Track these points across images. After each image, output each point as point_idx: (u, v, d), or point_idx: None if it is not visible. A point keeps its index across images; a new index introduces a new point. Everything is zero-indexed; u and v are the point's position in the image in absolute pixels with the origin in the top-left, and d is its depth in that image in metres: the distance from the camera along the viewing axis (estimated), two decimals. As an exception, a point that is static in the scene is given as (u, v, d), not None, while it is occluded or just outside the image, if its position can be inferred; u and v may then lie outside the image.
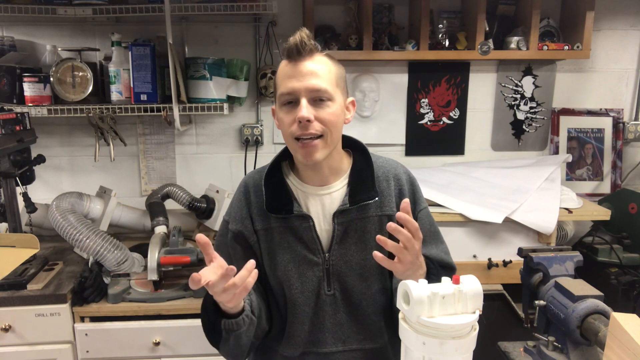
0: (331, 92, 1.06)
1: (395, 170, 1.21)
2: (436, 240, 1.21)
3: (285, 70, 1.07)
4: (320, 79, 1.05)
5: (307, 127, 1.04)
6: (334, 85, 1.08)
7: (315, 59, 1.07)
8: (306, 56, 1.06)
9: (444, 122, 2.34)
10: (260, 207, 1.16)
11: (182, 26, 2.15)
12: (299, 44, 1.04)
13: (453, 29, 2.23)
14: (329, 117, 1.06)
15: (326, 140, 1.07)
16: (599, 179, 2.38)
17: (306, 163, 1.09)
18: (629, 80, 2.36)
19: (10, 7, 1.87)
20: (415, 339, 0.78)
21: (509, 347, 1.27)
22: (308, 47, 1.05)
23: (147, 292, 1.73)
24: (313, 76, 1.04)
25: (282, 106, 1.08)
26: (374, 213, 1.16)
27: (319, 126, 1.05)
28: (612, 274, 1.96)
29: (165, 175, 2.31)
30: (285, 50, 1.06)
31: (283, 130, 1.09)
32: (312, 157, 1.07)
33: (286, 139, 1.10)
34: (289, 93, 1.05)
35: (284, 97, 1.06)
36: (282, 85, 1.07)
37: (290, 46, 1.05)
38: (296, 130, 1.05)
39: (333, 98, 1.07)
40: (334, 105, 1.07)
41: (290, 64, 1.07)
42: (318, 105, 1.06)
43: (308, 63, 1.05)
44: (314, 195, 1.16)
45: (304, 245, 1.14)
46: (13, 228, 1.77)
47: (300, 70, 1.05)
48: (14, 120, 1.72)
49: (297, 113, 1.04)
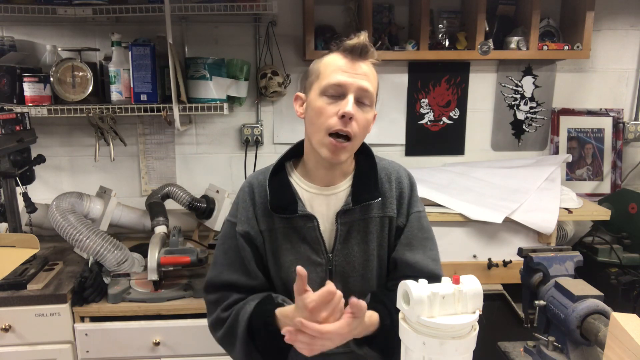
0: (374, 98, 1.10)
1: (397, 173, 1.22)
2: (424, 246, 1.19)
3: (338, 63, 1.08)
4: (370, 83, 1.08)
5: (347, 124, 1.05)
6: (376, 94, 1.12)
7: (368, 63, 1.10)
8: (364, 58, 1.09)
9: (444, 122, 2.34)
10: (264, 207, 1.16)
11: (182, 26, 2.15)
12: (364, 45, 1.07)
13: (453, 29, 2.23)
14: (364, 122, 1.08)
15: (353, 144, 1.09)
16: (599, 179, 2.38)
17: (331, 160, 1.09)
18: (629, 80, 2.36)
19: (10, 7, 1.87)
20: (415, 339, 0.78)
21: (509, 347, 1.27)
22: (370, 51, 1.08)
23: (147, 292, 1.73)
24: (365, 78, 1.07)
25: (323, 96, 1.08)
26: (376, 214, 1.16)
27: (355, 127, 1.06)
28: (612, 274, 1.96)
29: (165, 175, 2.31)
30: (349, 46, 1.07)
31: (317, 121, 1.08)
32: (339, 157, 1.08)
33: (316, 130, 1.08)
34: (338, 85, 1.06)
35: (332, 88, 1.06)
36: (332, 77, 1.07)
37: (355, 44, 1.06)
38: (336, 124, 1.05)
39: (373, 104, 1.11)
40: (371, 111, 1.11)
41: (346, 59, 1.08)
42: (360, 107, 1.08)
43: (364, 65, 1.08)
44: (320, 195, 1.17)
45: (308, 246, 1.15)
46: (13, 228, 1.77)
47: (355, 68, 1.07)
48: (14, 120, 1.72)
49: (341, 107, 1.05)
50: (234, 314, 1.11)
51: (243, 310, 1.09)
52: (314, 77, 1.11)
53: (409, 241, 1.17)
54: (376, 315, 1.05)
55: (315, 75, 1.11)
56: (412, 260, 1.15)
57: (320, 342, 0.94)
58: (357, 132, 1.07)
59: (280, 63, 2.20)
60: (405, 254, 1.16)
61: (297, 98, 1.17)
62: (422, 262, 1.17)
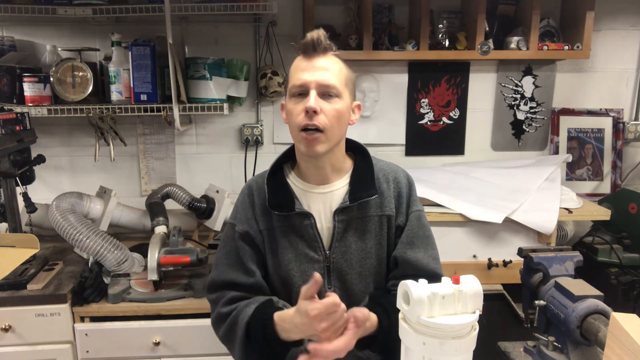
0: (339, 89, 1.11)
1: (395, 174, 1.24)
2: (425, 244, 1.21)
3: (299, 64, 1.12)
4: (331, 75, 1.10)
5: (313, 118, 1.08)
6: (343, 84, 1.12)
7: (328, 57, 1.12)
8: (320, 53, 1.11)
9: (444, 122, 2.34)
10: (263, 207, 1.19)
11: (182, 26, 2.15)
12: (316, 40, 1.09)
13: (453, 29, 2.23)
14: (333, 112, 1.10)
15: (327, 135, 1.10)
16: (599, 179, 2.38)
17: (307, 154, 1.12)
18: (629, 80, 2.36)
19: (10, 7, 1.87)
20: (415, 339, 0.78)
21: (509, 347, 1.27)
22: (323, 45, 1.10)
23: (147, 292, 1.73)
24: (324, 71, 1.10)
25: (291, 97, 1.13)
26: (374, 212, 1.18)
27: (323, 119, 1.09)
28: (612, 274, 1.95)
29: (165, 175, 2.31)
30: (302, 45, 1.11)
31: (290, 121, 1.13)
32: (314, 148, 1.10)
33: (292, 130, 1.14)
34: (300, 85, 1.10)
35: (295, 88, 1.11)
36: (294, 78, 1.11)
37: (306, 41, 1.10)
38: (302, 120, 1.09)
39: (341, 95, 1.11)
40: (341, 102, 1.12)
41: (304, 59, 1.12)
42: (326, 99, 1.10)
43: (321, 60, 1.11)
44: (316, 194, 1.19)
45: (305, 243, 1.17)
46: (13, 228, 1.77)
47: (313, 64, 1.10)
48: (14, 120, 1.72)
49: (305, 103, 1.08)
50: (233, 315, 1.13)
51: (243, 313, 1.11)
52: (287, 83, 1.16)
53: (411, 239, 1.19)
54: (374, 317, 1.06)
55: (287, 81, 1.16)
56: (414, 259, 1.17)
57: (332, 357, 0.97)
58: (328, 123, 1.09)
59: (280, 63, 2.20)
60: (406, 253, 1.17)
61: (282, 106, 1.20)
62: (423, 260, 1.18)
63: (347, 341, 0.97)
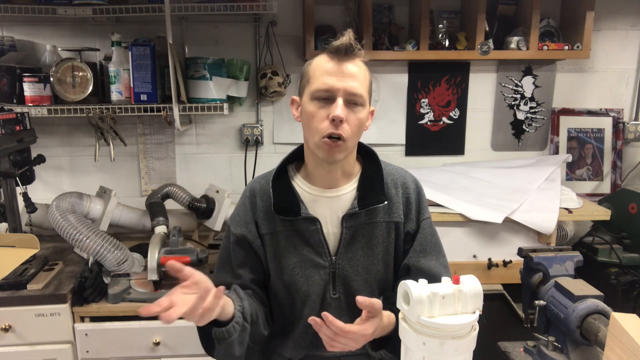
0: (365, 98, 1.08)
1: (403, 179, 1.22)
2: (437, 252, 1.21)
3: (325, 66, 1.07)
4: (359, 84, 1.07)
5: (339, 127, 1.05)
6: (367, 92, 1.10)
7: (357, 63, 1.08)
8: (351, 58, 1.07)
9: (444, 122, 2.34)
10: (266, 210, 1.17)
11: (182, 26, 2.15)
12: (349, 45, 1.05)
13: (453, 29, 2.23)
14: (356, 122, 1.07)
15: (347, 143, 1.08)
16: (599, 179, 2.38)
17: (327, 160, 1.09)
18: (629, 80, 2.36)
19: (10, 7, 1.87)
20: (415, 339, 0.78)
21: (509, 347, 1.27)
22: (356, 50, 1.06)
23: (147, 292, 1.73)
24: (353, 79, 1.06)
25: (314, 100, 1.08)
26: (382, 219, 1.16)
27: (347, 128, 1.06)
28: (612, 274, 1.95)
29: (165, 175, 2.31)
30: (334, 47, 1.06)
31: (310, 125, 1.09)
32: (334, 156, 1.08)
33: (311, 134, 1.09)
34: (326, 90, 1.06)
35: (320, 92, 1.06)
36: (320, 81, 1.06)
37: (340, 45, 1.05)
38: (327, 127, 1.05)
39: (365, 104, 1.09)
40: (364, 111, 1.09)
41: (332, 61, 1.07)
42: (351, 108, 1.07)
43: (350, 65, 1.07)
44: (322, 198, 1.16)
45: (311, 248, 1.15)
46: (13, 228, 1.77)
47: (342, 70, 1.06)
48: (14, 120, 1.72)
49: (331, 110, 1.05)
50: None
51: None
52: (305, 81, 1.11)
53: (423, 247, 1.18)
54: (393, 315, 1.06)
55: (306, 79, 1.11)
56: (426, 267, 1.16)
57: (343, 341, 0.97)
58: (350, 133, 1.07)
59: (280, 63, 2.20)
60: (419, 261, 1.16)
61: (293, 102, 1.17)
62: (435, 269, 1.17)
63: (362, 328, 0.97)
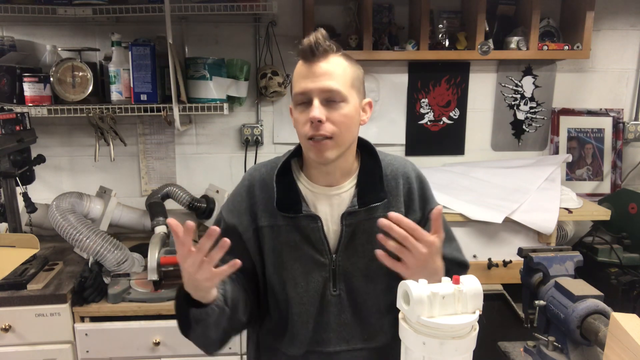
0: (344, 94, 1.06)
1: (404, 169, 1.20)
2: (450, 238, 1.19)
3: (300, 70, 1.08)
4: (334, 80, 1.05)
5: (319, 128, 1.04)
6: (349, 87, 1.07)
7: (330, 60, 1.06)
8: (320, 57, 1.05)
9: (444, 122, 2.34)
10: (267, 203, 1.16)
11: (182, 26, 2.15)
12: (314, 45, 1.03)
13: (453, 29, 2.23)
14: (340, 119, 1.05)
15: (336, 141, 1.07)
16: (599, 179, 2.38)
17: (318, 161, 1.09)
18: (629, 80, 2.36)
19: (10, 7, 1.87)
20: (415, 339, 0.77)
21: (509, 347, 1.27)
22: (322, 48, 1.04)
23: (147, 292, 1.73)
24: (326, 77, 1.04)
25: (297, 106, 1.09)
26: (381, 214, 1.14)
27: (330, 127, 1.05)
28: (612, 274, 1.95)
29: (165, 175, 2.31)
30: (300, 51, 1.05)
31: (297, 130, 1.10)
32: (323, 155, 1.07)
33: (300, 138, 1.11)
34: (302, 93, 1.06)
35: (298, 97, 1.07)
36: (297, 86, 1.07)
37: (304, 47, 1.04)
38: (309, 130, 1.05)
39: (346, 99, 1.06)
40: (347, 106, 1.07)
41: (305, 65, 1.06)
42: (331, 106, 1.05)
43: (322, 64, 1.05)
44: (323, 196, 1.16)
45: (311, 246, 1.14)
46: (13, 228, 1.77)
47: (314, 71, 1.05)
48: (14, 120, 1.72)
49: (309, 113, 1.04)
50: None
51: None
52: (292, 88, 1.12)
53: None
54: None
55: (292, 86, 1.11)
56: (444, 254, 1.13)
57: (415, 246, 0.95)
58: (336, 130, 1.05)
59: (280, 63, 2.20)
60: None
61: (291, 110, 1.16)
62: (452, 254, 1.17)
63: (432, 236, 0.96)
